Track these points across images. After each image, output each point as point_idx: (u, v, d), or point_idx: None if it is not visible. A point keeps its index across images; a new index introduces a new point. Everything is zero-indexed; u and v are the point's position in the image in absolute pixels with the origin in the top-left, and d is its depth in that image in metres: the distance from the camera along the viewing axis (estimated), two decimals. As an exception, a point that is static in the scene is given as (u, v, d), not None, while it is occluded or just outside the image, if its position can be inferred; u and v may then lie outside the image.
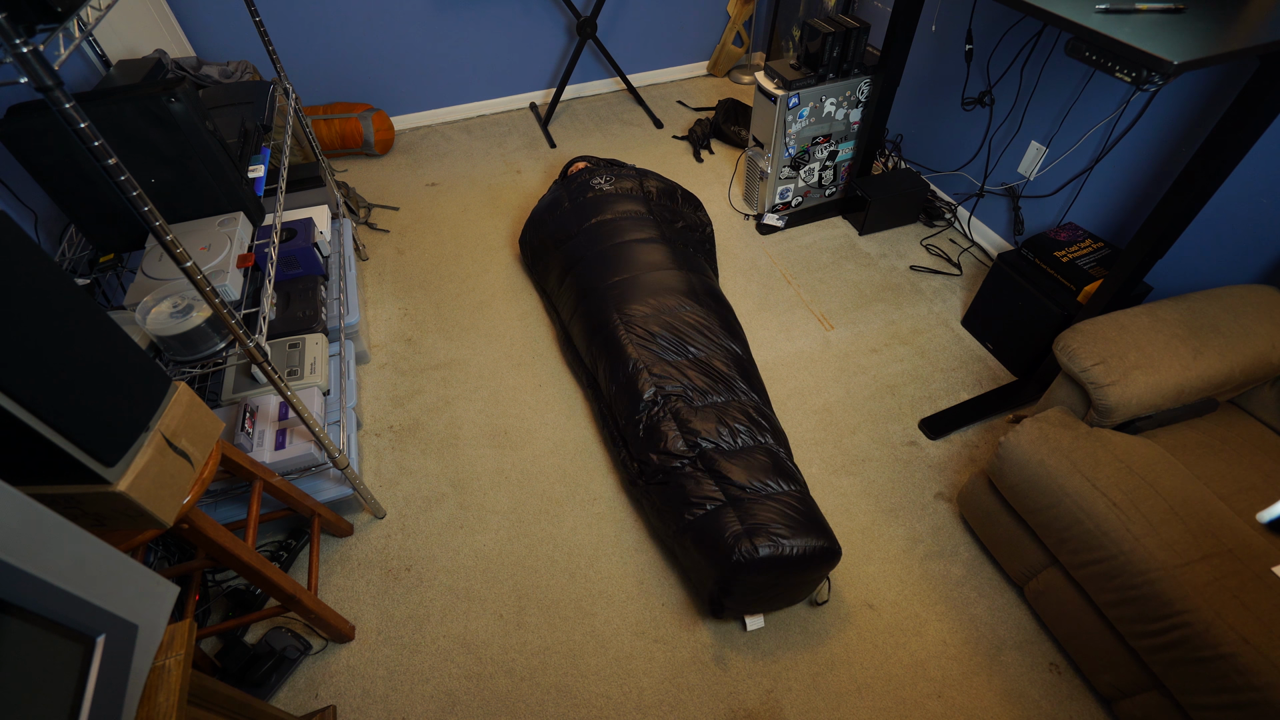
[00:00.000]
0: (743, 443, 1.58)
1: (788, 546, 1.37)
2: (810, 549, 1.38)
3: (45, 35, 0.91)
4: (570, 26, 3.24)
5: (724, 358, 1.75)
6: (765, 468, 1.52)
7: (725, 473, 1.50)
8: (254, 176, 1.58)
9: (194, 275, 1.02)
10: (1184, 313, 1.44)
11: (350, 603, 1.58)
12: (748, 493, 1.47)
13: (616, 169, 2.29)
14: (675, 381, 1.68)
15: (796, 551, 1.37)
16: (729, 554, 1.37)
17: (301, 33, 2.81)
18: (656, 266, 1.95)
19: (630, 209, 2.14)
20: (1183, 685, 1.12)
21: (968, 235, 2.57)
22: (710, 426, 1.58)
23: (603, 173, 2.26)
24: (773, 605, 1.51)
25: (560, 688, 1.44)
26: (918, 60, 2.58)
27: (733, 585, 1.40)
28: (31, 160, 1.28)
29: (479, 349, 2.19)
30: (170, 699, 0.78)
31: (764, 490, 1.48)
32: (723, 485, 1.49)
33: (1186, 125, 1.73)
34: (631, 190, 2.20)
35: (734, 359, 1.77)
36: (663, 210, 2.18)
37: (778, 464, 1.54)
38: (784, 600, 1.50)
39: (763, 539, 1.37)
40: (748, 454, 1.55)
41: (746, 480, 1.49)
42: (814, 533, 1.40)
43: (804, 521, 1.42)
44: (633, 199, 2.17)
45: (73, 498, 0.90)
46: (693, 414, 1.61)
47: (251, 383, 1.64)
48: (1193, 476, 1.25)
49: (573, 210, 2.18)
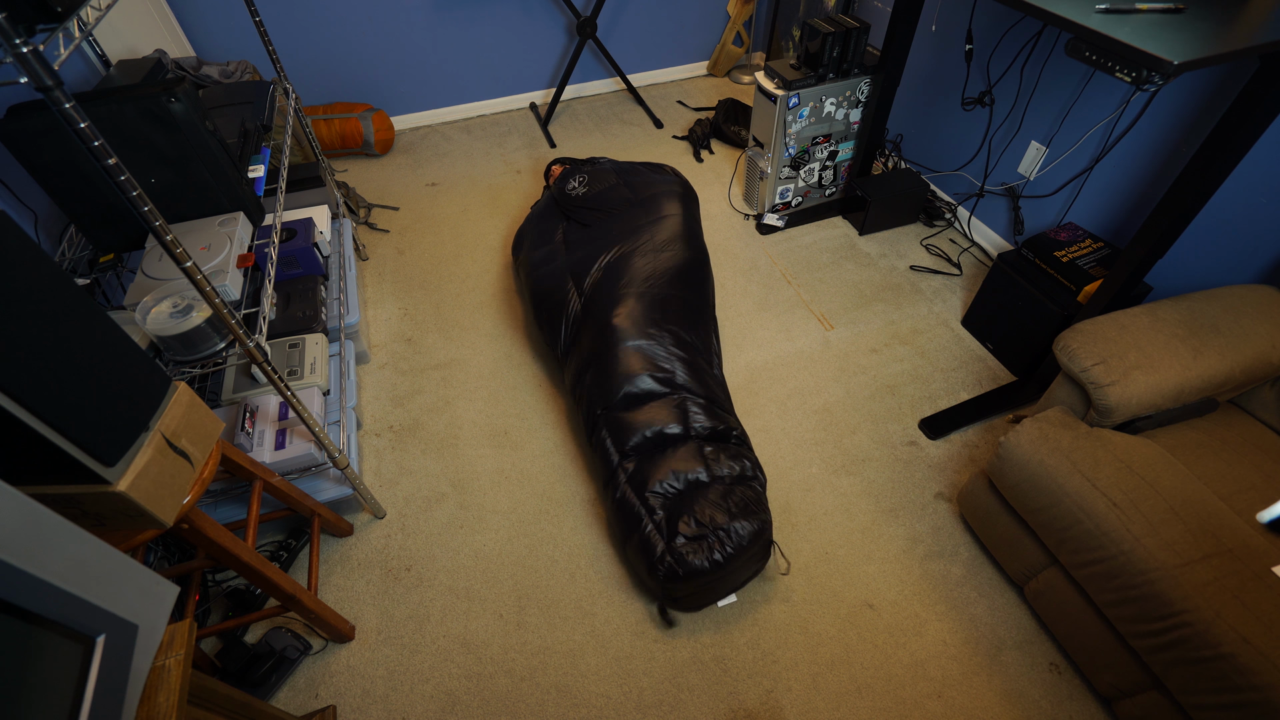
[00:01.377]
0: (676, 431, 1.63)
1: (716, 550, 1.42)
2: (740, 541, 1.43)
3: (45, 35, 0.91)
4: (570, 26, 3.24)
5: (668, 350, 1.78)
6: (693, 458, 1.57)
7: (649, 479, 1.55)
8: (254, 176, 1.58)
9: (194, 275, 1.02)
10: (1184, 313, 1.44)
11: (350, 603, 1.58)
12: (671, 495, 1.53)
13: (590, 166, 2.32)
14: (607, 394, 1.72)
15: (726, 554, 1.42)
16: (655, 571, 1.45)
17: (301, 33, 2.81)
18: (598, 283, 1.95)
19: (608, 206, 2.16)
20: (1183, 685, 1.12)
21: (968, 235, 2.57)
22: (640, 426, 1.64)
23: (578, 174, 2.28)
24: (726, 590, 1.54)
25: (560, 688, 1.44)
26: (918, 60, 2.58)
27: (671, 597, 1.49)
28: (31, 160, 1.28)
29: (479, 349, 2.19)
30: (170, 699, 0.78)
31: (687, 486, 1.54)
32: (649, 494, 1.54)
33: (1186, 125, 1.73)
34: (607, 189, 2.21)
35: (681, 345, 1.79)
36: (634, 207, 2.16)
37: (700, 452, 1.59)
38: (731, 584, 1.52)
39: (683, 551, 1.43)
40: (676, 445, 1.61)
41: (671, 479, 1.54)
42: (748, 516, 1.45)
43: (733, 510, 1.47)
44: (609, 197, 2.18)
45: (73, 498, 0.90)
46: (624, 420, 1.66)
47: (251, 383, 1.63)
48: (1193, 476, 1.25)
49: (551, 215, 2.23)
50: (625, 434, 1.63)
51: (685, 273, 1.93)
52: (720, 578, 1.44)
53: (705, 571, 1.41)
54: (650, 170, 2.33)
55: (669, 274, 1.91)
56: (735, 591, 1.57)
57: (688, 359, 1.76)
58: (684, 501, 1.51)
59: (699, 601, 1.52)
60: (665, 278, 1.90)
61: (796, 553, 1.66)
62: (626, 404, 1.68)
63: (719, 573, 1.43)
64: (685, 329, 1.82)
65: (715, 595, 1.52)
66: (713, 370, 1.84)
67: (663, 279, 1.89)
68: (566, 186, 2.26)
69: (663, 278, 1.89)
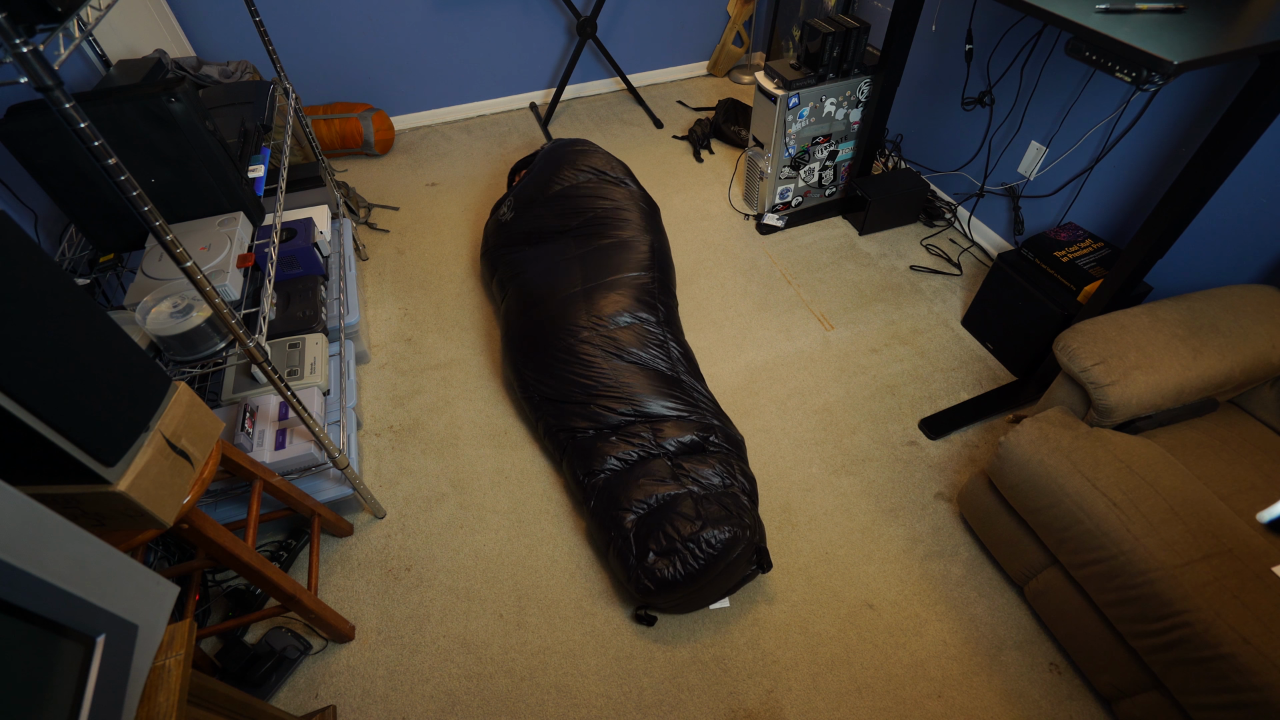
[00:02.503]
0: (644, 453, 1.63)
1: (688, 562, 1.41)
2: (712, 551, 1.41)
3: (45, 35, 0.91)
4: (570, 26, 3.24)
5: (632, 371, 1.76)
6: (663, 474, 1.57)
7: (622, 497, 1.55)
8: (254, 176, 1.58)
9: (194, 275, 1.02)
10: (1184, 313, 1.44)
11: (350, 603, 1.58)
12: (642, 512, 1.53)
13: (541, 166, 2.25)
14: (579, 419, 1.72)
15: (699, 564, 1.41)
16: (634, 584, 1.45)
17: (301, 33, 2.81)
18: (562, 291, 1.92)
19: (550, 221, 2.11)
20: (1183, 685, 1.12)
21: (968, 235, 2.57)
22: (613, 452, 1.64)
23: (506, 200, 2.24)
24: (715, 596, 1.52)
25: (560, 688, 1.44)
26: (918, 60, 2.58)
27: (653, 607, 1.51)
28: (31, 160, 1.28)
29: (479, 349, 2.18)
30: (170, 699, 0.78)
31: (659, 503, 1.53)
32: (619, 512, 1.54)
33: (1186, 125, 1.73)
34: (534, 216, 2.15)
35: (643, 370, 1.77)
36: (565, 235, 2.10)
37: (674, 469, 1.58)
38: (718, 590, 1.50)
39: (656, 564, 1.43)
40: (647, 464, 1.60)
41: (645, 496, 1.54)
42: (720, 524, 1.43)
43: (707, 519, 1.45)
44: (540, 225, 2.12)
45: (73, 498, 0.90)
46: (598, 447, 1.66)
47: (251, 383, 1.63)
48: (1193, 476, 1.25)
49: (511, 222, 2.18)
50: (592, 462, 1.65)
51: (642, 295, 1.90)
52: (699, 587, 1.43)
53: (679, 583, 1.41)
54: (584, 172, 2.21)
55: (622, 298, 1.88)
56: (729, 596, 1.56)
57: (652, 381, 1.75)
58: (656, 516, 1.50)
59: (686, 608, 1.51)
60: (615, 303, 1.86)
61: (796, 553, 1.66)
62: (593, 436, 1.69)
63: (695, 584, 1.42)
64: (644, 349, 1.81)
65: (704, 601, 1.50)
66: (679, 377, 1.80)
67: (613, 304, 1.86)
68: (498, 213, 2.22)
69: (613, 303, 1.86)
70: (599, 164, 2.18)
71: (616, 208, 2.08)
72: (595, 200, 2.09)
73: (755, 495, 1.60)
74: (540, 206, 2.14)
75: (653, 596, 1.44)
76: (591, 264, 1.96)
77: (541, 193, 2.15)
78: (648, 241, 2.02)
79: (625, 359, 1.78)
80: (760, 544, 1.49)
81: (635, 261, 1.96)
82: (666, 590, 1.42)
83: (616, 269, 1.94)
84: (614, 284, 1.90)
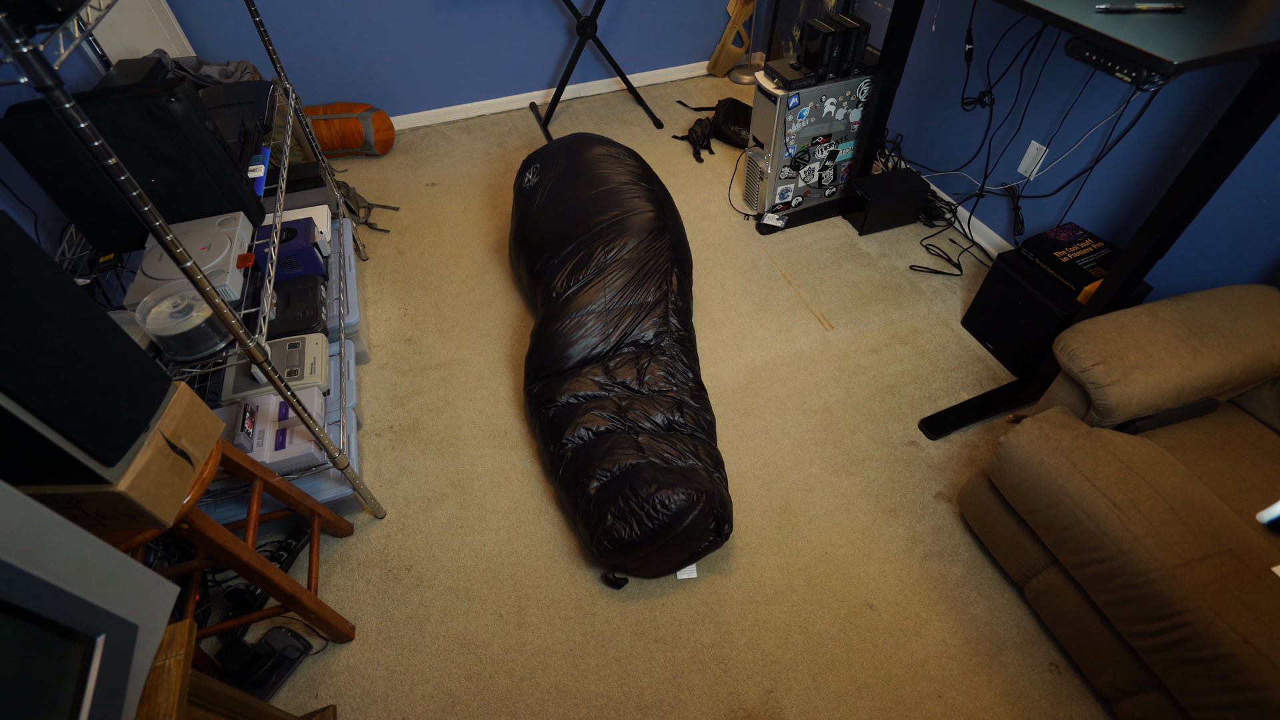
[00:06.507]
0: (614, 427, 1.70)
1: (644, 523, 1.47)
2: (667, 511, 1.46)
3: (45, 35, 0.91)
4: (570, 26, 3.24)
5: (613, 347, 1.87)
6: (628, 447, 1.64)
7: (589, 466, 1.62)
8: (254, 176, 1.58)
9: (194, 275, 1.02)
10: (1184, 313, 1.44)
11: (350, 603, 1.58)
12: (611, 476, 1.59)
13: (542, 157, 2.31)
14: (566, 391, 1.80)
15: (654, 525, 1.46)
16: (596, 545, 1.52)
17: (301, 33, 2.81)
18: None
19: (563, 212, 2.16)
20: (1183, 685, 1.12)
21: (968, 235, 2.57)
22: (585, 423, 1.71)
23: (532, 166, 2.30)
24: (679, 561, 1.57)
25: (560, 688, 1.44)
26: (918, 60, 2.58)
27: (619, 568, 1.57)
28: (31, 160, 1.28)
29: (479, 349, 2.19)
30: (170, 699, 0.78)
31: (622, 471, 1.59)
32: (586, 479, 1.60)
33: (1186, 125, 1.73)
34: (551, 180, 2.21)
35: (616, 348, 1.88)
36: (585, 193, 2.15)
37: (635, 442, 1.65)
38: (681, 555, 1.55)
39: (615, 525, 1.49)
40: (613, 436, 1.68)
41: (611, 465, 1.60)
42: (675, 487, 1.49)
43: (663, 483, 1.50)
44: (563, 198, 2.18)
45: (73, 498, 0.90)
46: (571, 418, 1.73)
47: (251, 383, 1.63)
48: (1193, 476, 1.25)
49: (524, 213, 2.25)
50: (563, 433, 1.72)
51: (641, 274, 1.99)
52: (656, 548, 1.49)
53: (636, 543, 1.47)
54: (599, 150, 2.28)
55: (625, 280, 1.96)
56: (694, 564, 1.61)
57: (637, 313, 1.88)
58: (618, 483, 1.56)
59: (653, 571, 1.58)
60: (620, 286, 1.96)
61: (796, 553, 1.66)
62: (566, 411, 1.76)
63: (652, 544, 1.47)
64: (639, 326, 1.91)
65: (669, 565, 1.56)
66: (675, 364, 1.89)
67: (620, 287, 1.95)
68: (523, 180, 2.29)
69: (620, 287, 1.95)
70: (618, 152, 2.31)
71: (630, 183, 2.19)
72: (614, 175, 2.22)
73: (721, 469, 1.68)
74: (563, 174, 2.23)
75: (611, 557, 1.50)
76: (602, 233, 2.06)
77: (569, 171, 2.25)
78: (659, 216, 2.10)
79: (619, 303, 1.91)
80: (719, 511, 1.54)
81: (641, 225, 2.06)
82: (625, 550, 1.48)
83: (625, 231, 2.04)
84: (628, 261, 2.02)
